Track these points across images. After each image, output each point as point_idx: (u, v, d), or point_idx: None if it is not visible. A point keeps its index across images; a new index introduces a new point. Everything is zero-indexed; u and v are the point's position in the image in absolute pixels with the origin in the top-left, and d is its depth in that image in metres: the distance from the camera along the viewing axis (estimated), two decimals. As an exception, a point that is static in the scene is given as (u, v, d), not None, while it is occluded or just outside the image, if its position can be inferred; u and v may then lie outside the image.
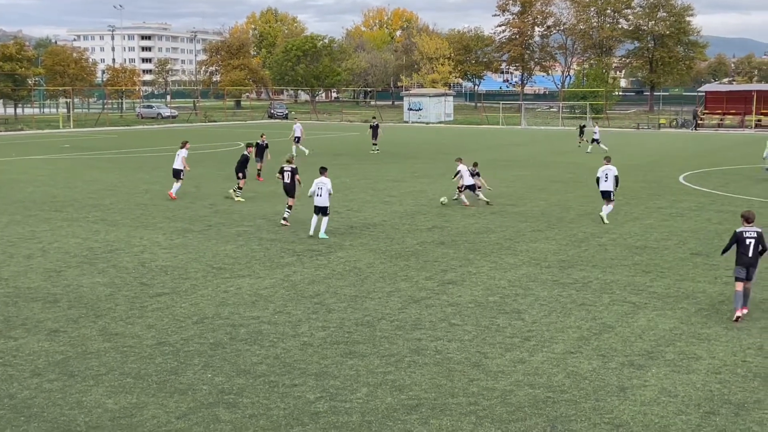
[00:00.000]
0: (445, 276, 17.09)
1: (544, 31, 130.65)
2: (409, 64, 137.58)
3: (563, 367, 11.52)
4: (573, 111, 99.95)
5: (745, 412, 9.95)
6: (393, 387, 10.77)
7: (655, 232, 22.12)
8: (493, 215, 24.92)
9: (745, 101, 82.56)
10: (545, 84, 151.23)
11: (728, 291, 15.76)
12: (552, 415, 9.83)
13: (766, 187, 32.06)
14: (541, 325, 13.59)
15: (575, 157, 46.63)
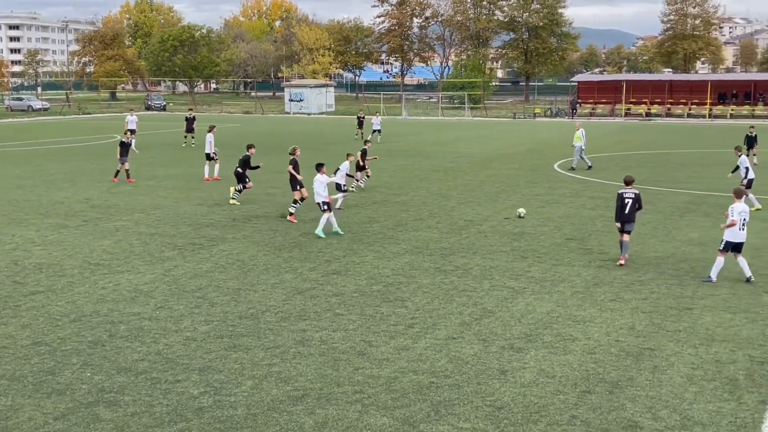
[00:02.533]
0: (329, 266, 17.10)
1: (423, 22, 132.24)
2: (290, 55, 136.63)
3: (446, 353, 11.72)
4: (452, 101, 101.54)
5: (618, 389, 10.37)
6: (278, 379, 10.72)
7: (532, 219, 22.73)
8: (375, 205, 25.08)
9: (615, 90, 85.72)
10: (425, 75, 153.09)
11: (602, 274, 16.39)
12: (436, 400, 9.99)
13: (635, 174, 33.33)
14: (424, 312, 13.78)
15: (455, 146, 47.43)
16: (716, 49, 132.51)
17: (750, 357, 11.53)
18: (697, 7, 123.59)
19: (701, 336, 12.49)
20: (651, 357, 11.54)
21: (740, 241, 15.79)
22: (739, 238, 15.76)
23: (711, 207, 24.58)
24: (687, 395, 10.16)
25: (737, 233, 15.74)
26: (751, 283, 15.62)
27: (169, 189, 28.71)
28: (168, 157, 39.48)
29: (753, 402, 9.95)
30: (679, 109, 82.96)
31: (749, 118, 77.97)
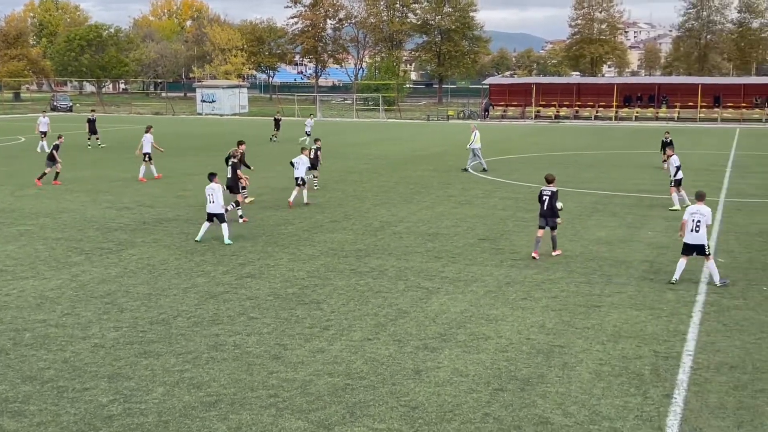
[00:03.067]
0: (243, 269, 16.93)
1: (336, 23, 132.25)
2: (201, 55, 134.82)
3: (361, 354, 11.73)
4: (367, 103, 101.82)
5: (530, 386, 10.55)
6: (191, 384, 10.55)
7: (446, 220, 22.96)
8: (291, 208, 24.94)
9: (525, 93, 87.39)
10: (339, 76, 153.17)
11: (513, 273, 16.65)
12: (351, 402, 9.99)
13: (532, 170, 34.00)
14: (340, 314, 13.77)
15: (370, 148, 47.56)
16: (622, 53, 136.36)
17: (655, 352, 11.88)
18: (603, 12, 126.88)
19: (609, 333, 12.81)
20: (561, 354, 11.78)
21: (692, 243, 15.71)
22: (691, 240, 15.72)
23: (617, 207, 25.24)
24: (595, 391, 10.40)
25: (689, 234, 15.75)
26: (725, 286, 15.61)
27: (75, 192, 27.98)
28: (74, 160, 38.44)
29: (658, 396, 10.24)
30: (586, 111, 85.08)
31: (653, 120, 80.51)
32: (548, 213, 18.12)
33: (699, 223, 15.65)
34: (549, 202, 18.05)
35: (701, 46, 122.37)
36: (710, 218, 15.83)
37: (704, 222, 15.64)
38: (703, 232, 15.67)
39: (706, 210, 15.75)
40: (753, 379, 10.83)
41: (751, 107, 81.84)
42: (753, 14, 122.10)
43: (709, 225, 15.93)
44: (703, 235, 15.68)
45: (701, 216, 15.66)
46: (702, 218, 15.64)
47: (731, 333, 12.80)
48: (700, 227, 15.66)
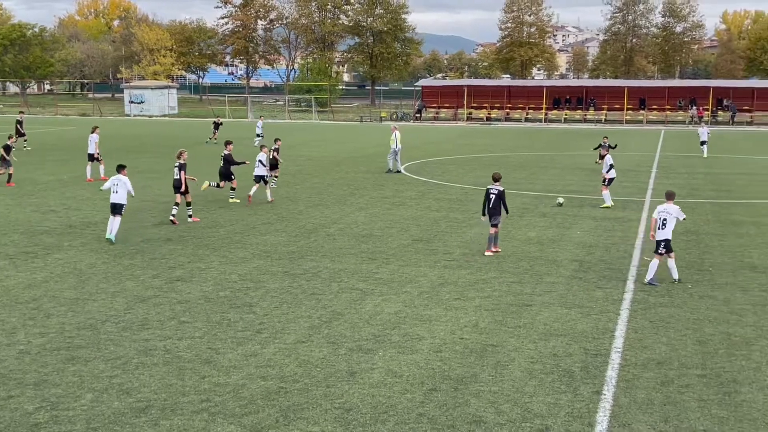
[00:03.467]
0: (173, 273, 16.69)
1: (268, 24, 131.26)
2: (129, 56, 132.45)
3: (295, 357, 11.66)
4: (299, 104, 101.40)
5: (463, 386, 10.62)
6: (120, 390, 10.35)
7: (379, 221, 23.00)
8: (221, 209, 24.69)
9: (457, 95, 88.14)
10: (271, 77, 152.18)
11: (447, 274, 16.76)
12: (284, 405, 9.92)
13: (478, 176, 34.37)
14: (273, 317, 13.67)
15: (303, 149, 47.36)
16: (551, 57, 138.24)
17: (585, 350, 12.08)
18: (532, 15, 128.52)
19: (540, 331, 12.98)
20: (494, 353, 11.90)
21: (659, 238, 16.15)
22: (658, 236, 16.18)
23: (547, 207, 25.61)
24: (527, 389, 10.53)
25: (657, 231, 16.21)
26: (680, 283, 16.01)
27: None
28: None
29: (588, 393, 10.42)
30: (517, 113, 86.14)
31: (581, 122, 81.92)
32: (495, 211, 18.50)
33: (665, 221, 16.11)
34: (496, 200, 18.42)
35: (627, 49, 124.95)
36: (679, 215, 16.19)
37: (671, 219, 16.07)
38: (669, 229, 16.10)
39: (673, 208, 16.18)
40: (679, 374, 11.09)
41: (675, 109, 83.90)
42: (676, 19, 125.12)
43: (683, 219, 16.48)
44: (669, 232, 16.10)
45: (667, 214, 16.14)
46: (668, 216, 16.09)
47: (658, 330, 13.09)
48: (667, 224, 16.10)
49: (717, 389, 10.55)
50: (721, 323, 13.46)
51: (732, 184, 32.05)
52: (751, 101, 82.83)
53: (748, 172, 36.83)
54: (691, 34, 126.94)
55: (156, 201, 26.09)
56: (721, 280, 16.39)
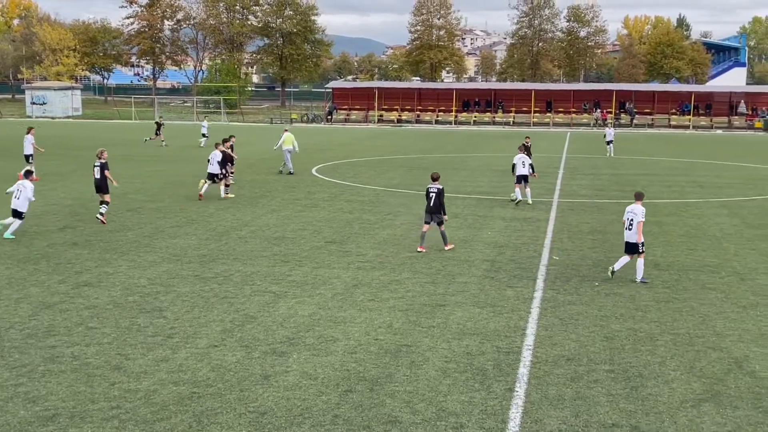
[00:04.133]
0: (80, 278, 16.24)
1: (175, 24, 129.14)
2: (30, 56, 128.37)
3: (208, 362, 11.49)
4: (208, 105, 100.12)
5: (379, 386, 10.65)
6: (26, 399, 10.01)
7: (292, 223, 22.87)
8: (129, 212, 24.17)
9: (368, 97, 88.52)
10: (178, 78, 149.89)
11: (360, 276, 16.77)
12: (198, 410, 9.76)
13: (390, 177, 34.55)
14: (184, 321, 13.44)
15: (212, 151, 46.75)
16: (460, 59, 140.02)
17: (497, 348, 12.26)
18: (441, 19, 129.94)
19: (453, 330, 13.11)
20: (408, 353, 11.96)
21: (626, 241, 16.47)
22: (626, 238, 16.50)
23: (458, 208, 25.90)
24: (442, 388, 10.62)
25: (626, 233, 16.51)
26: (645, 284, 16.25)
27: None
28: None
29: (501, 390, 10.57)
30: (427, 115, 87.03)
31: (490, 125, 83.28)
32: (434, 210, 18.98)
33: (632, 222, 16.35)
34: (435, 198, 18.93)
35: (534, 53, 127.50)
36: (642, 216, 16.32)
37: (636, 220, 16.25)
38: (635, 230, 16.27)
39: (639, 209, 16.37)
40: (588, 370, 11.35)
41: (580, 112, 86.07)
42: (580, 24, 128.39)
43: (641, 222, 16.32)
44: (635, 233, 16.28)
45: (633, 215, 16.35)
46: (634, 217, 16.30)
47: (567, 327, 13.38)
48: (633, 225, 16.32)
49: (624, 383, 10.84)
50: (627, 319, 13.85)
51: (636, 184, 32.96)
52: (651, 104, 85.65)
53: (651, 173, 38.03)
54: (594, 39, 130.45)
55: (60, 204, 25.38)
56: (626, 277, 16.84)
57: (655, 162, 44.27)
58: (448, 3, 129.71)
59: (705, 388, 10.71)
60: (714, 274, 17.24)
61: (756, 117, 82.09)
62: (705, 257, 19.02)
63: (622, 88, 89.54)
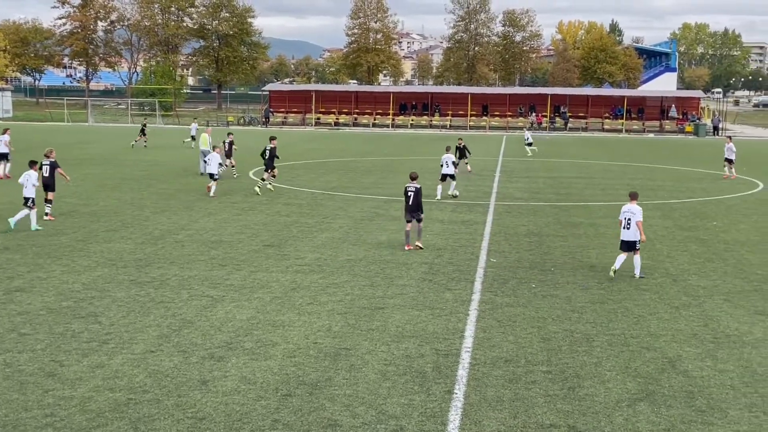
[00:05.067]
0: (11, 283, 15.85)
1: (108, 26, 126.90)
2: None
3: (144, 367, 11.31)
4: (142, 108, 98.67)
5: (318, 390, 10.61)
6: (-45, 410, 9.73)
7: (229, 227, 22.67)
8: (62, 216, 23.66)
9: (305, 100, 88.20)
10: (112, 80, 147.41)
11: (299, 279, 16.70)
12: (134, 417, 9.60)
13: (327, 180, 34.47)
14: (120, 326, 13.21)
15: (147, 154, 46.14)
16: (397, 63, 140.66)
17: (436, 350, 12.32)
18: (378, 22, 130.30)
19: (393, 333, 13.14)
20: (347, 356, 11.95)
21: (623, 239, 17.19)
22: (624, 236, 17.17)
23: (397, 211, 25.93)
24: (381, 391, 10.63)
25: (623, 232, 17.18)
26: (639, 279, 17.06)
27: None
28: None
29: (440, 392, 10.63)
30: (364, 118, 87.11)
31: (427, 128, 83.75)
32: (413, 208, 19.60)
33: (629, 221, 17.06)
34: (414, 197, 19.54)
35: (470, 57, 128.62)
36: (640, 215, 17.09)
37: (634, 219, 16.97)
38: (633, 228, 17.00)
39: (636, 209, 17.13)
40: (526, 371, 11.48)
41: (516, 116, 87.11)
42: (515, 28, 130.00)
43: (640, 221, 17.05)
44: (634, 232, 17.01)
45: (631, 214, 17.10)
46: (632, 216, 17.04)
47: (505, 329, 13.51)
48: (631, 224, 17.03)
49: (561, 384, 11.00)
50: (564, 321, 14.05)
51: (571, 187, 33.55)
52: (585, 108, 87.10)
53: (586, 176, 38.66)
54: (529, 43, 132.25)
55: None
56: (563, 279, 17.10)
57: (590, 165, 45.03)
58: (385, 6, 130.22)
59: (640, 387, 10.92)
60: (647, 275, 17.58)
61: (686, 121, 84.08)
62: (638, 259, 19.39)
63: (557, 92, 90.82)
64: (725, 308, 15.04)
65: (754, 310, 14.89)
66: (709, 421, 9.84)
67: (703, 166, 44.44)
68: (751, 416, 10.00)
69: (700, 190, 33.35)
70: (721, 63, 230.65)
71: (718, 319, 14.29)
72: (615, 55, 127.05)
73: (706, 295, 16.02)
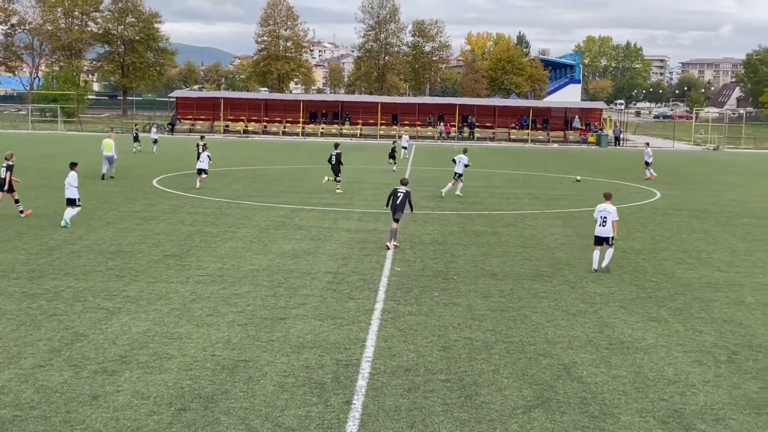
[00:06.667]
0: None
1: (9, 29, 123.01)
2: None
3: (32, 383, 10.89)
4: (44, 114, 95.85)
5: (214, 404, 10.39)
6: None
7: (129, 236, 22.14)
8: (-48, 226, 22.71)
9: (214, 107, 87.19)
10: (12, 85, 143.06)
11: (199, 290, 16.40)
12: (19, 436, 9.23)
13: (233, 189, 34.07)
14: (9, 340, 12.70)
15: (47, 162, 44.80)
16: (307, 71, 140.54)
17: (336, 360, 12.23)
18: (288, 30, 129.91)
19: (293, 344, 13.00)
20: (246, 368, 11.75)
21: (600, 235, 18.93)
22: (599, 233, 18.96)
23: (303, 220, 25.84)
24: (279, 403, 10.48)
25: (597, 228, 18.99)
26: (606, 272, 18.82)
27: None
28: None
29: (339, 403, 10.54)
30: (274, 126, 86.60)
31: (338, 137, 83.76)
32: (400, 207, 21.20)
33: (605, 219, 18.80)
34: (402, 198, 21.18)
35: (380, 66, 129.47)
36: (616, 215, 18.98)
37: (610, 218, 18.75)
38: (608, 226, 18.80)
39: (611, 208, 18.95)
40: (425, 380, 11.50)
41: (425, 125, 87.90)
42: (425, 39, 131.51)
43: (616, 221, 18.98)
44: (609, 229, 18.81)
45: (607, 213, 18.87)
46: (608, 215, 18.81)
47: (406, 338, 13.52)
48: (606, 222, 18.79)
49: (459, 392, 11.05)
50: (464, 329, 14.15)
51: (476, 196, 33.97)
52: (493, 118, 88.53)
53: (491, 185, 39.23)
54: (439, 54, 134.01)
55: None
56: (465, 287, 17.25)
57: (495, 174, 45.72)
58: (295, 14, 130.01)
59: (536, 394, 11.06)
60: (547, 282, 17.91)
61: (589, 131, 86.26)
62: (539, 266, 19.73)
63: (465, 102, 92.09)
64: (620, 315, 15.41)
65: (647, 317, 15.30)
66: (601, 427, 10.02)
67: (603, 176, 45.62)
68: (641, 421, 10.23)
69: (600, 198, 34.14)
70: (624, 75, 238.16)
71: (613, 326, 14.62)
72: (522, 67, 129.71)
73: (602, 302, 16.38)
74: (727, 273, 19.50)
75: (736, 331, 14.51)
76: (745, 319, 15.35)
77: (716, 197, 35.88)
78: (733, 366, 12.52)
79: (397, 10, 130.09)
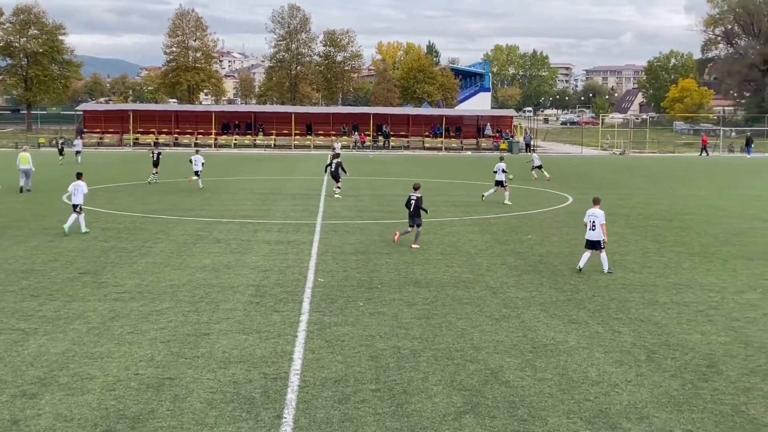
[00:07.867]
0: None
1: None
2: None
3: (-54, 411, 10.44)
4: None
5: (140, 424, 10.14)
6: None
7: (41, 254, 21.47)
8: None
9: (122, 120, 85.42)
10: None
11: (118, 307, 16.01)
12: (-64, 467, 8.83)
13: (148, 203, 33.40)
14: None
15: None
16: (218, 82, 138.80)
17: (264, 375, 12.09)
18: (197, 41, 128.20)
19: (219, 359, 12.79)
20: (171, 386, 11.51)
21: (589, 239, 19.79)
22: (588, 236, 19.82)
23: (221, 233, 25.50)
24: (208, 420, 10.30)
25: (588, 233, 19.80)
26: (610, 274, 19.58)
27: None
28: None
29: (269, 417, 10.42)
30: (186, 138, 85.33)
31: (252, 147, 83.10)
32: (415, 213, 23.20)
33: (594, 223, 19.65)
34: (416, 204, 23.09)
35: (292, 76, 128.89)
36: (603, 219, 19.75)
37: (599, 222, 19.58)
38: (598, 230, 19.63)
39: (599, 212, 19.78)
40: (355, 390, 11.46)
41: (340, 135, 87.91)
42: (336, 48, 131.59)
43: (604, 224, 19.77)
44: (599, 233, 19.65)
45: (595, 217, 19.70)
46: (596, 219, 19.65)
47: (333, 349, 13.46)
48: (596, 226, 19.63)
49: (390, 402, 11.05)
50: (391, 338, 14.16)
51: (395, 205, 34.06)
52: (407, 127, 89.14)
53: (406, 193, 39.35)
54: (350, 63, 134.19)
55: None
56: (389, 296, 17.28)
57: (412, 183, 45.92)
58: (204, 25, 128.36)
59: (465, 400, 11.14)
60: (469, 289, 18.09)
61: (501, 138, 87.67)
62: (461, 273, 19.92)
63: (379, 111, 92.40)
64: (542, 318, 15.67)
65: (568, 319, 15.59)
66: (530, 430, 10.15)
67: (518, 183, 46.39)
68: (569, 422, 10.41)
69: (515, 205, 34.72)
70: (531, 83, 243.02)
71: (536, 329, 14.86)
72: (433, 76, 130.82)
73: (524, 306, 16.63)
74: (641, 274, 20.04)
75: (653, 330, 14.92)
76: (660, 318, 15.79)
77: (625, 200, 36.86)
78: (652, 365, 12.86)
79: (308, 20, 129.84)
